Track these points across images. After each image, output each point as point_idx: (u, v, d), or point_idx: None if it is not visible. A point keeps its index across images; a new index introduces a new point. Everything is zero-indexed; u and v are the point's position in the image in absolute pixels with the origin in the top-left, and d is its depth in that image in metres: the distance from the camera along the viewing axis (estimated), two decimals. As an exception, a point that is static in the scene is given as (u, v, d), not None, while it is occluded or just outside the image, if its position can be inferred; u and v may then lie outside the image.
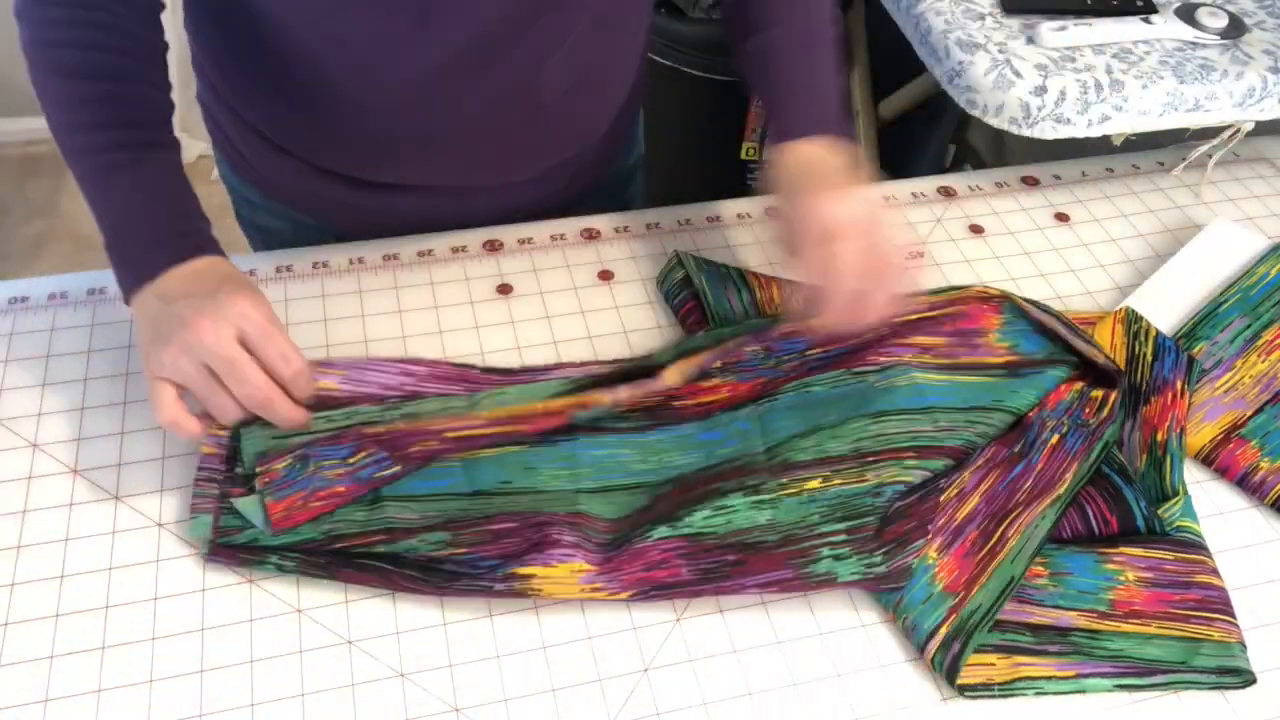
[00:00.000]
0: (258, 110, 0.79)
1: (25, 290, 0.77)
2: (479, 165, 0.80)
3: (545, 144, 0.81)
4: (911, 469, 0.65)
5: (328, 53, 0.70)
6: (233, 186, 0.90)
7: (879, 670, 0.60)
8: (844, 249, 0.65)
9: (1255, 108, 0.89)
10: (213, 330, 0.59)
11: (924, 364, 0.71)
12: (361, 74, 0.71)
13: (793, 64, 0.75)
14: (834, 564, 0.61)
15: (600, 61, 0.78)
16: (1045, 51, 0.90)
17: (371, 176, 0.80)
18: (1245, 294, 0.80)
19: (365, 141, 0.76)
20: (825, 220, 0.66)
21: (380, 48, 0.69)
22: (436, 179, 0.81)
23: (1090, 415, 0.70)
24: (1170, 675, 0.60)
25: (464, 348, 0.75)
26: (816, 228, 0.66)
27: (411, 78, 0.70)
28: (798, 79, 0.74)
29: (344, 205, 0.83)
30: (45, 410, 0.69)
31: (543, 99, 0.75)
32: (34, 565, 0.61)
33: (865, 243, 0.65)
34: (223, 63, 0.78)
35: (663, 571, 0.60)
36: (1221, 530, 0.68)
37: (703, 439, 0.69)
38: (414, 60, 0.69)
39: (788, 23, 0.75)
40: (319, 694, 0.57)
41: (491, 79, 0.72)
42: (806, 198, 0.68)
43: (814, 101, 0.74)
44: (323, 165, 0.80)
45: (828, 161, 0.70)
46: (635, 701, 0.58)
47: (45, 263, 1.97)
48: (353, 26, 0.67)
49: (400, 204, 0.82)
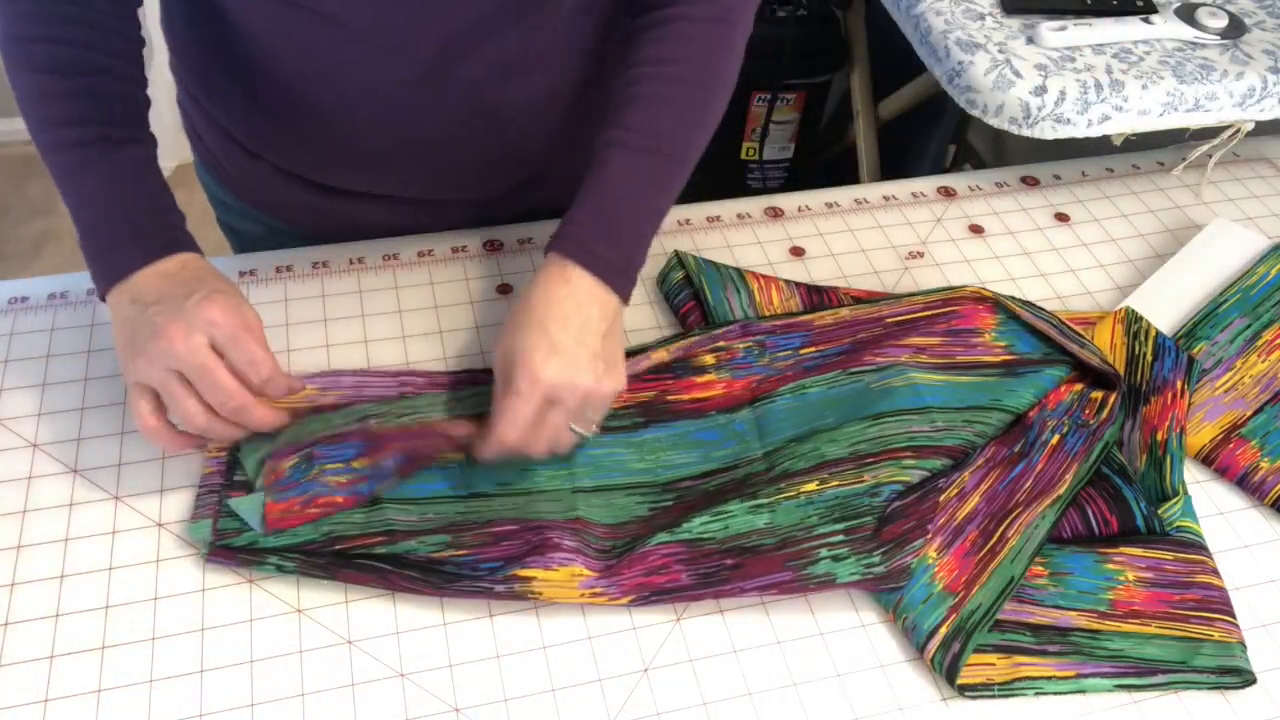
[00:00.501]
0: (229, 115, 0.79)
1: (25, 290, 0.77)
2: (449, 178, 0.80)
3: (516, 157, 0.80)
4: (909, 469, 0.65)
5: (294, 61, 0.70)
6: (209, 189, 0.90)
7: (879, 670, 0.60)
8: (519, 405, 0.61)
9: (1255, 108, 0.89)
10: (183, 338, 0.58)
11: (921, 364, 0.72)
12: (326, 83, 0.71)
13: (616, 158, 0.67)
14: (832, 565, 0.61)
15: (569, 77, 0.76)
16: (1045, 51, 0.90)
17: (342, 184, 0.80)
18: (1245, 294, 0.80)
19: (333, 150, 0.76)
20: (517, 369, 0.61)
21: (343, 58, 0.68)
22: (407, 190, 0.81)
23: (1090, 416, 0.70)
24: (1170, 675, 0.60)
25: (464, 348, 0.75)
26: (505, 370, 0.63)
27: (375, 89, 0.70)
28: (613, 181, 0.67)
29: (316, 212, 0.83)
30: (45, 410, 0.69)
31: (508, 112, 0.74)
32: (34, 565, 0.61)
33: (540, 407, 0.62)
34: (195, 67, 0.78)
35: (662, 577, 0.60)
36: (1221, 530, 0.68)
37: (698, 438, 0.69)
38: (376, 72, 0.69)
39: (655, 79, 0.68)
40: (319, 694, 0.57)
41: (454, 92, 0.71)
42: (517, 334, 0.63)
43: (604, 220, 0.66)
44: (293, 171, 0.80)
45: (567, 302, 0.63)
46: (635, 701, 0.58)
47: (45, 263, 1.97)
48: (316, 35, 0.67)
49: (374, 214, 0.82)
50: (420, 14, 0.66)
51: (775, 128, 1.68)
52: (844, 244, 0.86)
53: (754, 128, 1.68)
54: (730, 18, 0.70)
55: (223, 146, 0.82)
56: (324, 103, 0.72)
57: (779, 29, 1.55)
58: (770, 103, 1.64)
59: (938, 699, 0.59)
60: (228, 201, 0.88)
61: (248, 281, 0.78)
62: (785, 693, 0.58)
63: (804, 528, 0.62)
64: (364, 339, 0.75)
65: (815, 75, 1.64)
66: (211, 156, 0.85)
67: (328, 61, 0.69)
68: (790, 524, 0.62)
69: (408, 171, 0.78)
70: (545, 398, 0.62)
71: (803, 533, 0.62)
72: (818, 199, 0.90)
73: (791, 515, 0.63)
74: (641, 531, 0.63)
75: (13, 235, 2.03)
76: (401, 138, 0.74)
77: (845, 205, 0.89)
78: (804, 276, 0.82)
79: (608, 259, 0.65)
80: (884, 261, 0.84)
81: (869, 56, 1.61)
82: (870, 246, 0.85)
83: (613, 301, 0.65)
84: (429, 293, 0.79)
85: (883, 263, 0.84)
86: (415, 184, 0.80)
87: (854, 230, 0.87)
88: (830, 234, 0.86)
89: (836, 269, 0.83)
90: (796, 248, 0.85)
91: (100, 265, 0.63)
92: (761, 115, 1.66)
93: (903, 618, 0.61)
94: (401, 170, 0.78)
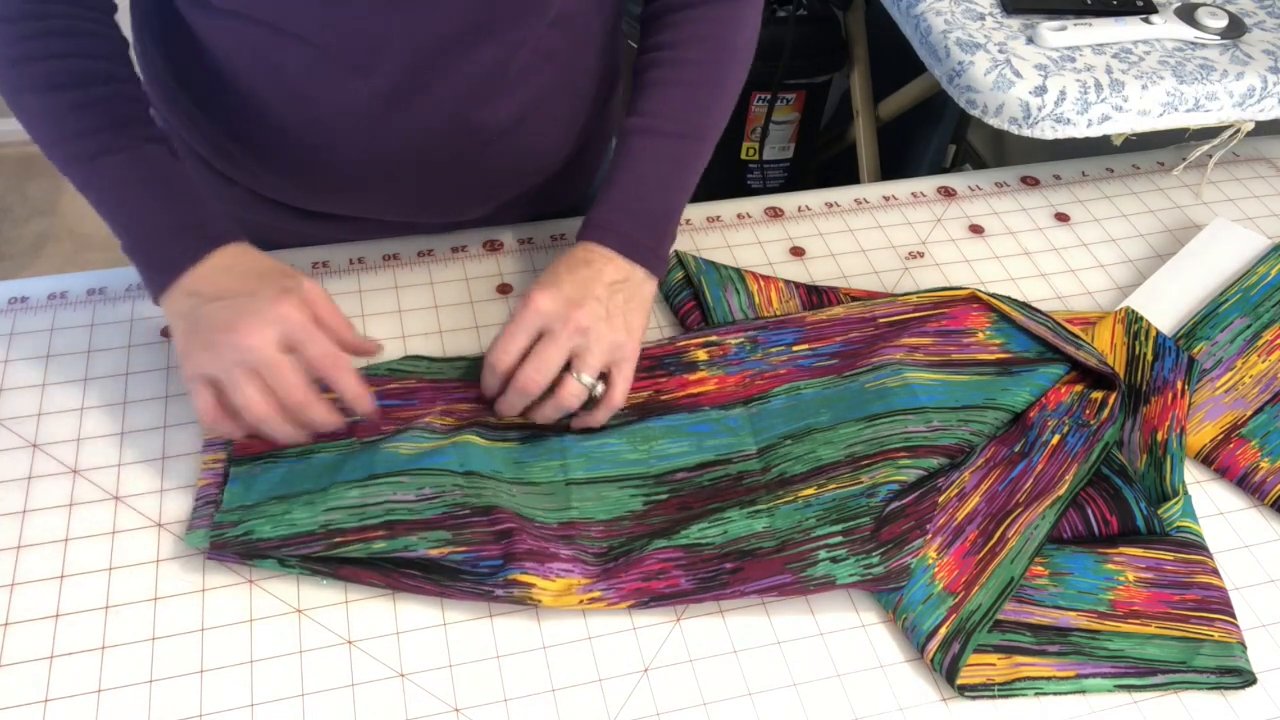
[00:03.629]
0: (201, 139, 0.78)
1: (25, 290, 0.77)
2: (427, 200, 0.79)
3: (495, 177, 0.79)
4: (905, 468, 0.64)
5: (265, 82, 0.69)
6: None
7: (879, 670, 0.60)
8: (511, 329, 0.65)
9: (1255, 108, 0.89)
10: (256, 333, 0.58)
11: (917, 361, 0.72)
12: (298, 104, 0.70)
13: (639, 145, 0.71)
14: (832, 566, 0.61)
15: (548, 93, 0.75)
16: (1045, 51, 0.90)
17: (319, 208, 0.80)
18: (1245, 294, 0.80)
19: (308, 173, 0.75)
20: (518, 305, 0.65)
21: (314, 78, 0.68)
22: (386, 213, 0.80)
23: (1091, 416, 0.70)
24: (1170, 675, 0.60)
25: (464, 348, 0.75)
26: (520, 303, 0.65)
27: (347, 109, 0.70)
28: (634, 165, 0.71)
29: (293, 236, 0.82)
30: (45, 410, 0.69)
31: (486, 132, 0.73)
32: (34, 565, 0.61)
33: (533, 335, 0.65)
34: (167, 90, 0.77)
35: (660, 582, 0.60)
36: (1221, 530, 0.68)
37: (691, 430, 0.69)
38: (348, 91, 0.68)
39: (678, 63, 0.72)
40: (319, 694, 0.57)
41: (430, 111, 0.70)
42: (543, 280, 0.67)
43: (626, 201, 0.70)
44: (268, 195, 0.80)
45: (580, 263, 0.67)
46: (635, 701, 0.58)
47: (45, 263, 1.97)
48: (285, 55, 0.67)
49: (351, 238, 0.82)
50: (387, 33, 0.65)
51: (775, 128, 1.68)
52: (844, 244, 0.86)
53: (754, 128, 1.68)
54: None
55: (198, 169, 0.81)
56: (296, 124, 0.71)
57: (779, 29, 1.55)
58: (770, 103, 1.64)
59: (938, 699, 0.59)
60: None
61: (248, 281, 0.78)
62: (785, 693, 0.58)
63: (802, 530, 0.62)
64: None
65: (815, 75, 1.64)
66: None
67: (298, 82, 0.68)
68: (788, 527, 0.62)
69: (384, 194, 0.77)
70: (539, 327, 0.64)
71: (801, 535, 0.62)
72: (818, 199, 0.90)
73: (789, 518, 0.63)
74: (636, 530, 0.63)
75: (13, 235, 2.03)
76: (378, 159, 0.73)
77: (845, 205, 0.89)
78: (804, 276, 0.82)
79: (630, 234, 0.68)
80: (884, 261, 0.84)
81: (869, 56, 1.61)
82: (870, 246, 0.85)
83: (636, 271, 0.68)
84: (429, 293, 0.79)
85: (883, 263, 0.84)
86: (393, 207, 0.80)
87: (854, 230, 0.87)
88: (830, 234, 0.86)
89: (836, 269, 0.83)
90: (796, 248, 0.85)
91: (151, 267, 0.63)
92: (761, 115, 1.66)
93: (903, 618, 0.61)
94: (378, 193, 0.77)
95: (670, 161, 0.71)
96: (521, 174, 0.81)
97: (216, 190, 0.81)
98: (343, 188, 0.77)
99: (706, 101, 0.73)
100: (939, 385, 0.70)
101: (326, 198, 0.78)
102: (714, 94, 0.73)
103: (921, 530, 0.63)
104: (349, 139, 0.72)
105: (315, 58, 0.66)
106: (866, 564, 0.61)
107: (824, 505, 0.63)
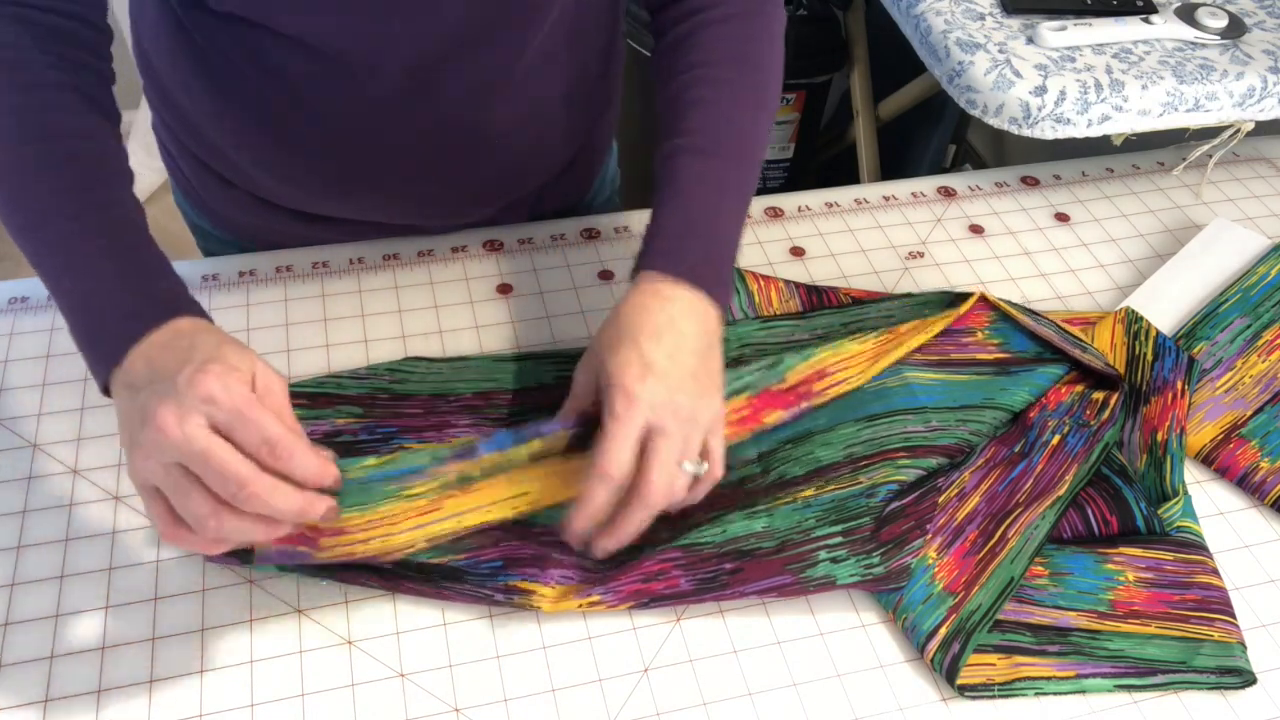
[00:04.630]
0: (200, 142, 0.78)
1: (25, 290, 0.77)
2: (427, 202, 0.79)
3: (497, 180, 0.79)
4: (904, 468, 0.64)
5: (265, 86, 0.69)
6: (186, 215, 0.89)
7: (879, 670, 0.60)
8: (619, 430, 0.55)
9: (1255, 108, 0.89)
10: (176, 423, 0.47)
11: (915, 361, 0.72)
12: (299, 108, 0.69)
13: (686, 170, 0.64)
14: (831, 567, 0.61)
15: (549, 96, 0.75)
16: (1045, 51, 0.90)
17: (321, 211, 0.79)
18: (1245, 294, 0.80)
19: (309, 176, 0.75)
20: (611, 391, 0.56)
21: (315, 81, 0.67)
22: (387, 216, 0.80)
23: (1091, 417, 0.70)
24: (1170, 675, 0.60)
25: (464, 348, 0.75)
26: (615, 394, 0.56)
27: (349, 112, 0.69)
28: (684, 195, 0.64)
29: (295, 239, 0.82)
30: (45, 410, 0.69)
31: (487, 136, 0.73)
32: (34, 565, 0.61)
33: (643, 435, 0.56)
34: (168, 93, 0.76)
35: (660, 583, 0.60)
36: (1221, 530, 0.68)
37: None
38: (349, 95, 0.68)
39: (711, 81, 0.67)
40: (319, 694, 0.57)
41: (433, 114, 0.70)
42: (605, 353, 0.58)
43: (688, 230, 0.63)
44: (270, 199, 0.79)
45: (659, 315, 0.59)
46: (635, 701, 0.58)
47: (45, 263, 1.97)
48: (286, 59, 0.66)
49: (351, 239, 0.82)
50: (386, 36, 0.65)
51: (775, 128, 1.68)
52: (844, 244, 0.86)
53: (754, 128, 1.68)
54: (762, 8, 0.70)
55: (196, 173, 0.81)
56: (298, 128, 0.71)
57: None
58: (770, 103, 1.64)
59: (938, 699, 0.59)
60: (204, 227, 0.87)
61: (248, 281, 0.79)
62: (785, 693, 0.58)
63: (802, 530, 0.62)
64: (364, 339, 0.75)
65: (815, 75, 1.64)
66: (187, 183, 0.84)
67: (299, 85, 0.68)
68: (788, 527, 0.62)
69: (387, 196, 0.77)
70: (647, 423, 0.56)
71: (801, 535, 0.62)
72: (818, 199, 0.90)
73: (789, 519, 0.63)
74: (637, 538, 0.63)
75: (13, 235, 2.03)
76: (378, 162, 0.73)
77: (845, 205, 0.89)
78: (804, 276, 0.82)
79: (699, 268, 0.61)
80: (884, 261, 0.84)
81: (869, 56, 1.61)
82: (870, 246, 0.85)
83: (712, 314, 0.61)
84: (429, 293, 0.79)
85: (883, 263, 0.84)
86: (396, 209, 0.79)
87: (854, 230, 0.87)
88: (830, 234, 0.86)
89: (836, 269, 0.83)
90: (796, 248, 0.85)
91: (93, 354, 0.55)
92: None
93: (903, 618, 0.61)
94: (380, 195, 0.77)
95: (722, 186, 0.66)
96: (523, 176, 0.81)
97: (215, 193, 0.81)
98: (343, 191, 0.76)
99: (749, 121, 0.68)
100: (938, 385, 0.70)
101: (326, 201, 0.78)
102: (754, 114, 0.68)
103: (921, 530, 0.63)
104: (349, 142, 0.71)
105: (315, 61, 0.66)
106: (867, 564, 0.61)
107: (824, 505, 0.63)
